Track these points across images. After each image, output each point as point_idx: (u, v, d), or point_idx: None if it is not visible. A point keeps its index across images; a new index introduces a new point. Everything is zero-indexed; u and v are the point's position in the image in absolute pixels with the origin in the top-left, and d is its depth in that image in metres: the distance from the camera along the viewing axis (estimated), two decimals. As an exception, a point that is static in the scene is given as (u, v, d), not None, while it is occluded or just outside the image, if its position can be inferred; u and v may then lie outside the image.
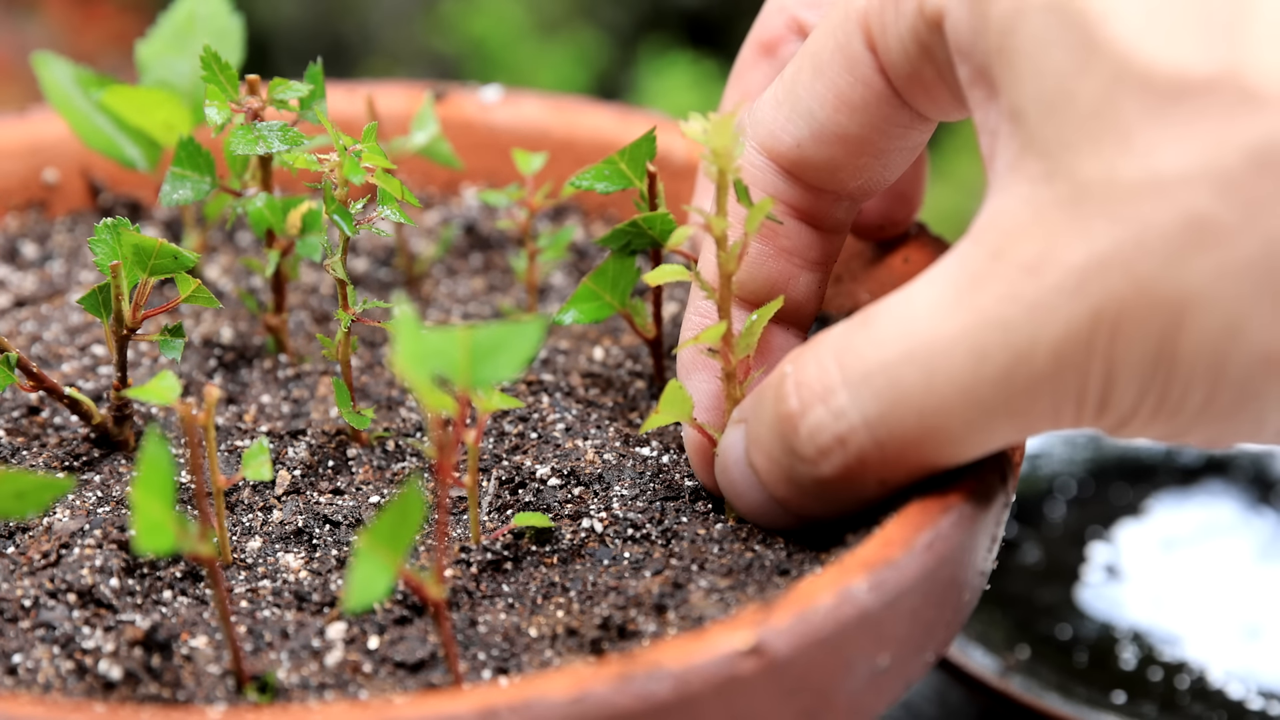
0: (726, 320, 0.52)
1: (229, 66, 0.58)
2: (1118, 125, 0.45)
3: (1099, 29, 0.45)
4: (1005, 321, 0.46)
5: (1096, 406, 0.47)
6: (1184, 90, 0.44)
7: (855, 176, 0.55)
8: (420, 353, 0.44)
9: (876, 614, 0.47)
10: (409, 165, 0.75)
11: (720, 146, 0.50)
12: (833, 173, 0.55)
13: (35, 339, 0.65)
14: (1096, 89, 0.45)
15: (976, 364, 0.46)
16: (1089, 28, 0.46)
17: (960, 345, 0.46)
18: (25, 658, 0.50)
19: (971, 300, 0.46)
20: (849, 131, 0.53)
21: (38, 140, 0.73)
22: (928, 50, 0.50)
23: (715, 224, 0.51)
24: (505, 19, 2.43)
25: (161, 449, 0.44)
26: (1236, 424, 0.47)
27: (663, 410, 0.53)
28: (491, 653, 0.50)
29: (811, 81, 0.54)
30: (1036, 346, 0.45)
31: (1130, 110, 0.45)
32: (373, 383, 0.63)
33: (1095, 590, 0.81)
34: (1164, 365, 0.45)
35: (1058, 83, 0.46)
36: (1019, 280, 0.46)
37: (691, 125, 0.50)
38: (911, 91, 0.52)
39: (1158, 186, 0.44)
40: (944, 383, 0.47)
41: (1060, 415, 0.47)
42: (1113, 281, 0.44)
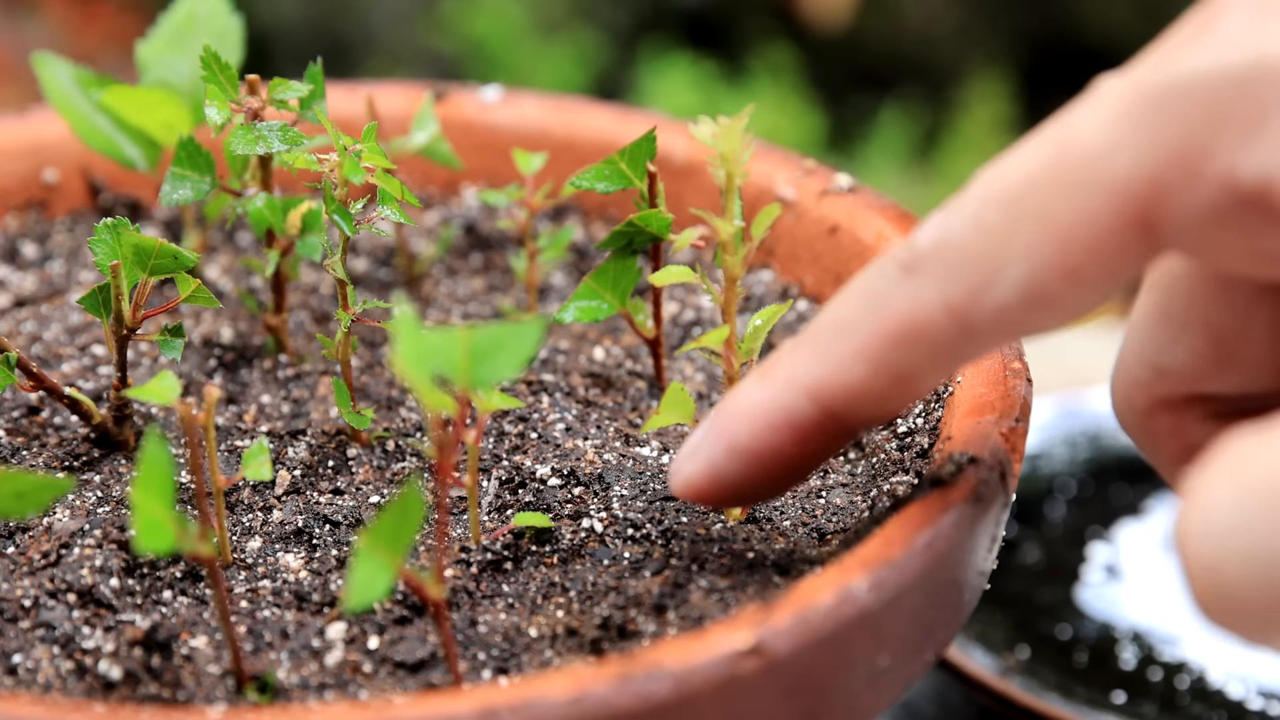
0: (730, 324, 0.52)
1: (229, 66, 0.58)
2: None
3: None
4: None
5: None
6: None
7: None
8: (420, 353, 0.44)
9: (876, 614, 0.47)
10: (409, 165, 0.75)
11: (728, 150, 0.50)
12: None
13: (35, 339, 0.65)
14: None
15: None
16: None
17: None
18: (25, 658, 0.50)
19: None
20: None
21: (38, 140, 0.73)
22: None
23: (722, 228, 0.51)
24: (505, 19, 2.43)
25: (161, 449, 0.44)
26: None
27: (664, 411, 0.53)
28: (491, 653, 0.50)
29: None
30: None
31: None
32: (373, 383, 0.63)
33: (1095, 590, 0.81)
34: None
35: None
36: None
37: (700, 128, 0.50)
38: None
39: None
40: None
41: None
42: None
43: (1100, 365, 1.04)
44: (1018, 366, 0.55)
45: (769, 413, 0.48)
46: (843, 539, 0.53)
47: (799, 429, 0.48)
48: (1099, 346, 1.12)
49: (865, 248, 0.65)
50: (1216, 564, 0.39)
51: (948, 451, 0.52)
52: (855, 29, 2.53)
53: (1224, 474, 0.39)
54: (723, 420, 0.49)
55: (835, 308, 0.47)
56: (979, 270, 0.44)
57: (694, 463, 0.50)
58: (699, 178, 0.71)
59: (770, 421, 0.48)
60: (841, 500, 0.56)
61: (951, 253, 0.44)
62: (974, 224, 0.44)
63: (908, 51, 2.56)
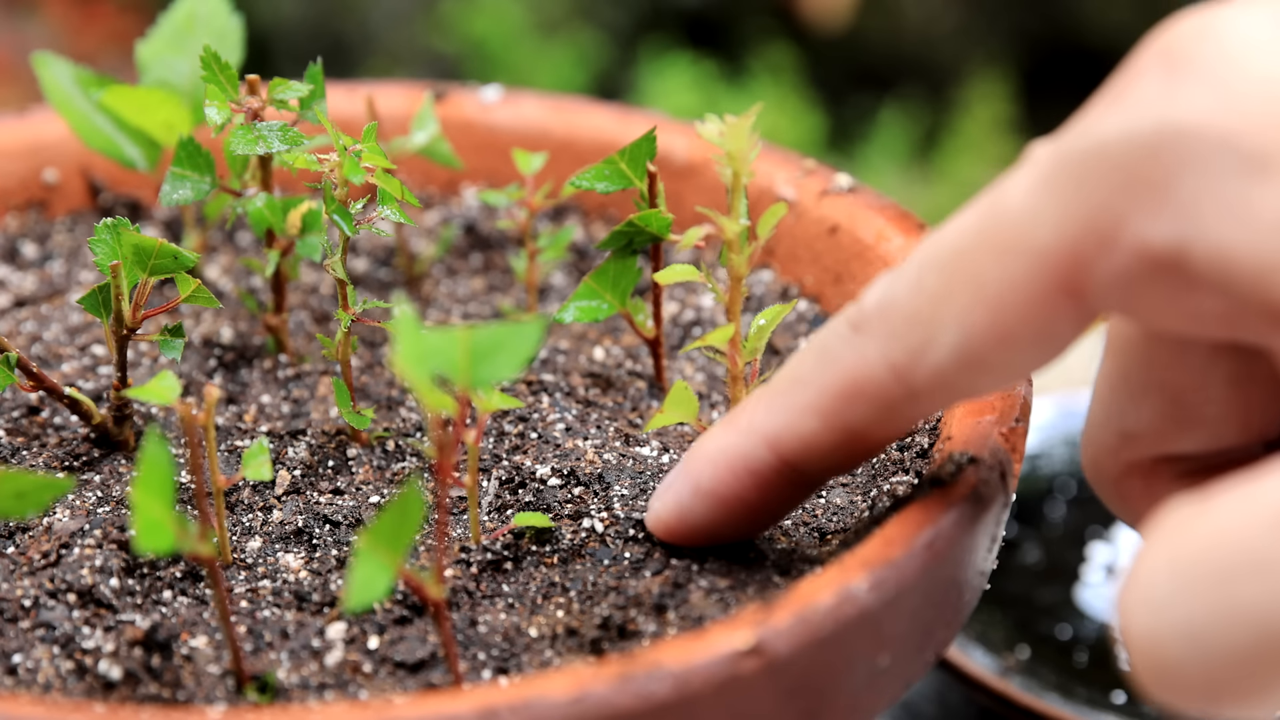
0: (735, 323, 0.52)
1: (229, 66, 0.58)
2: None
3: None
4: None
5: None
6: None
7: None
8: (420, 353, 0.44)
9: (876, 614, 0.47)
10: (409, 165, 0.75)
11: (735, 149, 0.50)
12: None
13: (35, 339, 0.65)
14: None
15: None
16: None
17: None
18: (25, 658, 0.50)
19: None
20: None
21: (38, 140, 0.73)
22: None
23: (728, 227, 0.51)
24: (505, 19, 2.43)
25: (161, 449, 0.44)
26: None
27: (668, 410, 0.53)
28: (491, 653, 0.50)
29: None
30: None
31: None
32: (373, 383, 0.63)
33: (1095, 590, 0.81)
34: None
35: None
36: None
37: (707, 127, 0.50)
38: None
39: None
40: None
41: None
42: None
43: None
44: (1018, 366, 0.55)
45: (731, 459, 0.49)
46: (843, 539, 0.53)
47: (758, 475, 0.49)
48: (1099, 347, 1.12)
49: (865, 248, 0.65)
50: (1153, 638, 0.39)
51: (948, 451, 0.52)
52: (855, 29, 2.53)
53: (1160, 546, 0.39)
54: (690, 463, 0.51)
55: (795, 362, 0.48)
56: (917, 332, 0.45)
57: (663, 501, 0.52)
58: (699, 178, 0.71)
59: (731, 467, 0.49)
60: (841, 500, 0.56)
61: (894, 314, 0.45)
62: (915, 287, 0.45)
63: (908, 51, 2.56)
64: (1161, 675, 0.39)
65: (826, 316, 0.65)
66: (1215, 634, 0.37)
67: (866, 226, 0.65)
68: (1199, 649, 0.38)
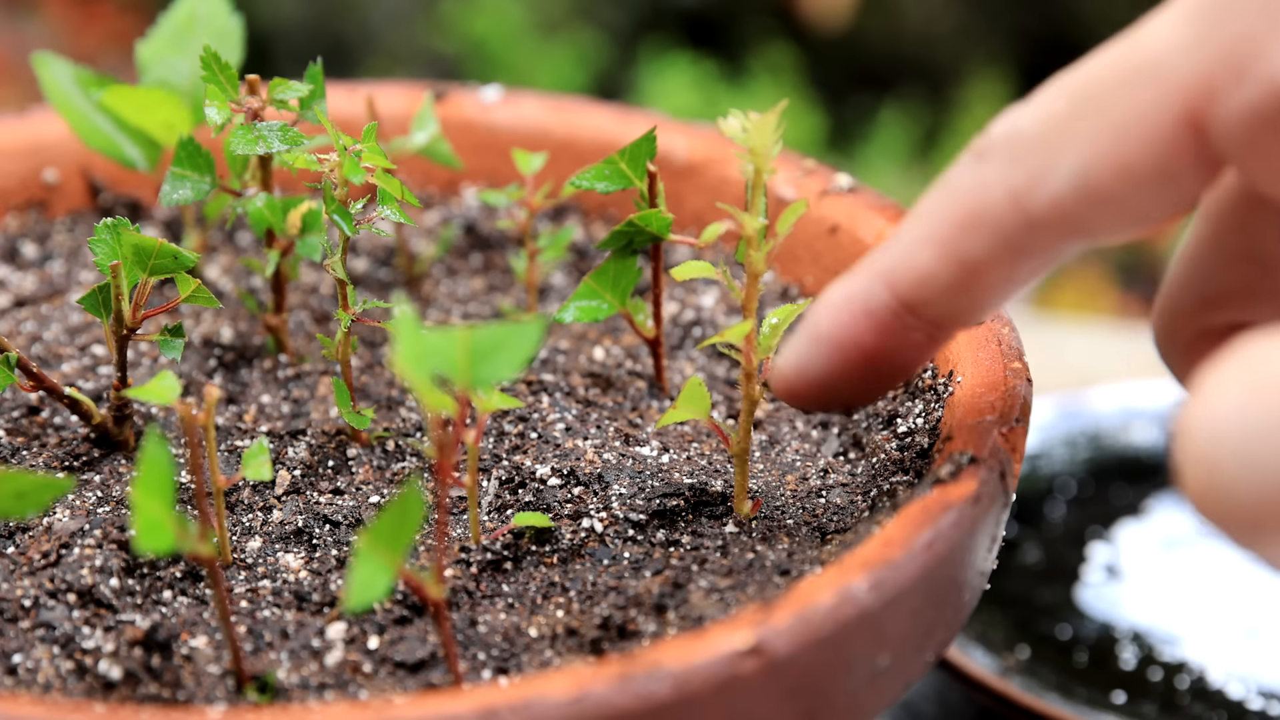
0: (752, 319, 0.52)
1: (229, 66, 0.58)
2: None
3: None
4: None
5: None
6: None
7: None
8: (420, 353, 0.44)
9: (876, 614, 0.47)
10: (409, 165, 0.75)
11: (758, 146, 0.50)
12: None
13: (35, 339, 0.65)
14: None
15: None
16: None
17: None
18: (25, 658, 0.50)
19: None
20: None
21: (38, 140, 0.73)
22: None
23: (749, 223, 0.51)
24: (505, 19, 2.43)
25: (161, 449, 0.44)
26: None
27: (681, 406, 0.53)
28: (491, 653, 0.50)
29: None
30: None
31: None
32: (373, 383, 0.63)
33: (1095, 590, 0.81)
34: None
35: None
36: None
37: (730, 123, 0.50)
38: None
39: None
40: None
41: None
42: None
43: (1100, 365, 1.04)
44: (1018, 366, 0.55)
45: (849, 299, 0.48)
46: (843, 539, 0.53)
47: (875, 317, 0.48)
48: (1099, 346, 1.13)
49: (865, 248, 0.65)
50: (1213, 460, 0.39)
51: (948, 451, 0.52)
52: (855, 29, 2.53)
53: (1233, 374, 0.39)
54: (810, 313, 0.49)
55: (920, 199, 0.47)
56: (1039, 157, 0.44)
57: (785, 359, 0.50)
58: (699, 178, 0.71)
59: (850, 308, 0.48)
60: (841, 500, 0.56)
61: (1018, 140, 0.44)
62: (1042, 113, 0.44)
63: (908, 51, 2.56)
64: (1212, 494, 0.39)
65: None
66: (1274, 458, 0.38)
67: (866, 226, 0.65)
68: (1256, 478, 0.38)
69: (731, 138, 0.50)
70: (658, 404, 0.62)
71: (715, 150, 0.71)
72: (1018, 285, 0.48)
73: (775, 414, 0.62)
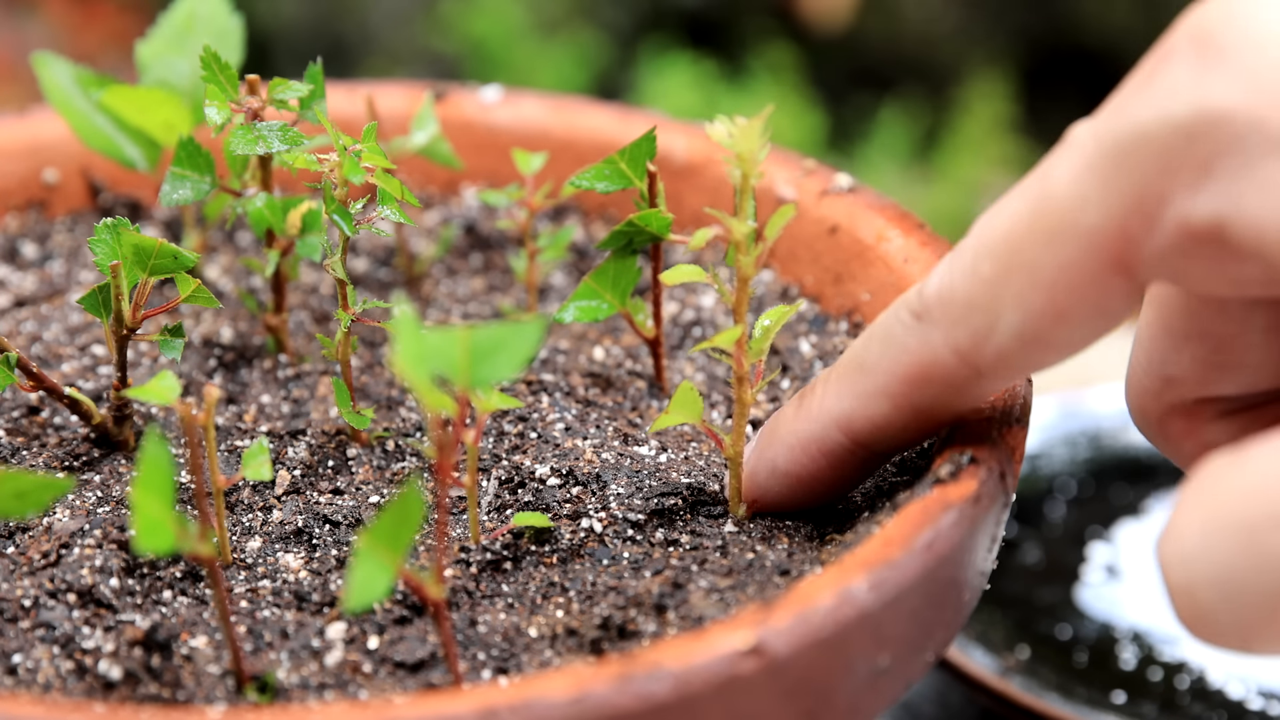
0: (741, 324, 0.52)
1: (229, 66, 0.58)
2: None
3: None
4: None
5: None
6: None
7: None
8: (420, 353, 0.44)
9: (876, 614, 0.47)
10: (409, 165, 0.75)
11: (745, 150, 0.50)
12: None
13: (35, 339, 0.65)
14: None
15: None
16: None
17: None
18: (25, 658, 0.50)
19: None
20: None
21: (38, 140, 0.73)
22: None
23: (736, 228, 0.51)
24: (505, 19, 2.43)
25: (161, 449, 0.44)
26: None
27: (673, 410, 0.53)
28: (491, 653, 0.50)
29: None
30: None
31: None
32: (373, 383, 0.63)
33: (1095, 590, 0.81)
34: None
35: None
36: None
37: (716, 128, 0.50)
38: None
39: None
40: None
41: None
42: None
43: (1100, 366, 1.04)
44: (1018, 366, 0.55)
45: (804, 442, 0.53)
46: (843, 539, 0.53)
47: (832, 456, 0.53)
48: (1099, 346, 1.12)
49: (865, 248, 0.65)
50: (1189, 588, 0.42)
51: (948, 452, 0.52)
52: (855, 29, 2.53)
53: (1194, 499, 0.42)
54: (765, 449, 0.54)
55: (859, 348, 0.52)
56: (978, 318, 0.48)
57: (748, 485, 0.55)
58: (699, 177, 0.71)
59: (806, 450, 0.53)
60: (841, 500, 0.56)
61: (954, 303, 0.48)
62: (971, 276, 0.48)
63: (908, 51, 2.56)
64: (1197, 620, 0.42)
65: (827, 317, 0.65)
66: (1244, 582, 0.40)
67: (866, 226, 0.65)
68: (1230, 596, 0.41)
69: (719, 142, 0.50)
70: (657, 404, 0.62)
71: (715, 150, 0.71)
72: (964, 411, 0.53)
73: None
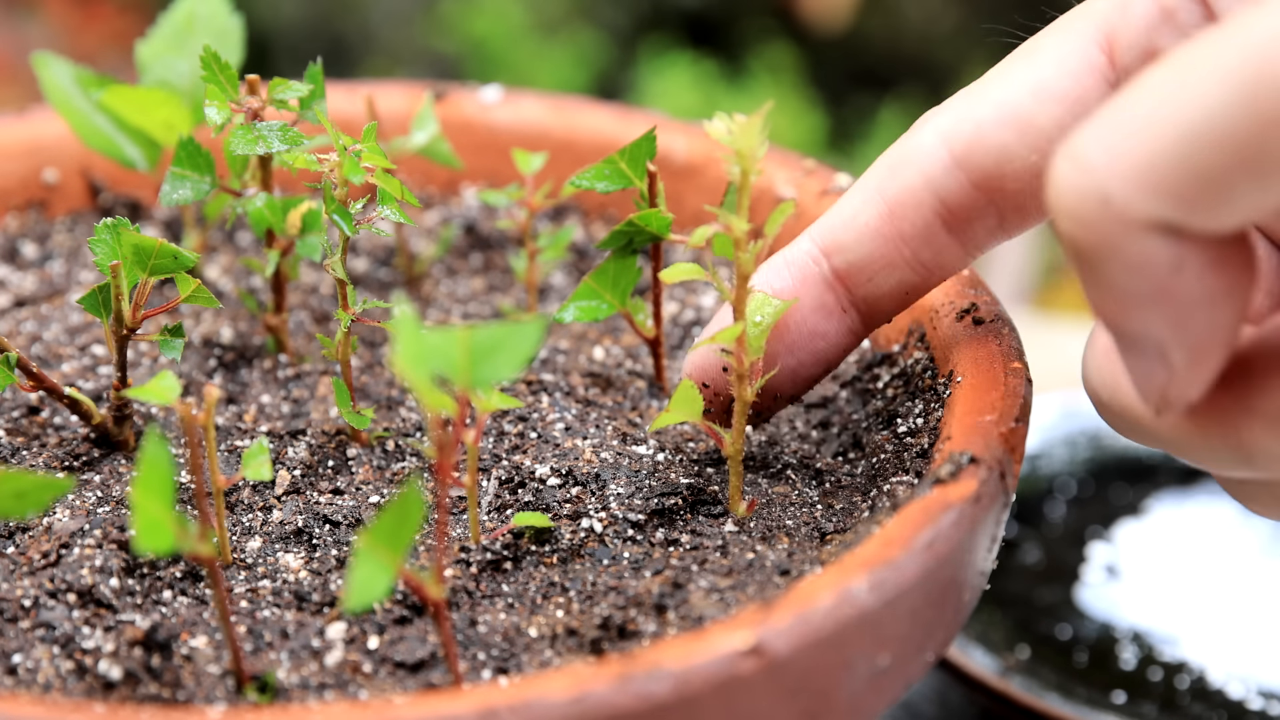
0: (742, 321, 0.52)
1: (229, 66, 0.58)
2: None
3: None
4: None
5: None
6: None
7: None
8: (420, 353, 0.44)
9: (876, 614, 0.47)
10: (409, 165, 0.75)
11: (744, 148, 0.50)
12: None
13: (35, 339, 0.65)
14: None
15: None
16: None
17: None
18: (25, 658, 0.50)
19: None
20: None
21: (38, 140, 0.73)
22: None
23: (735, 225, 0.51)
24: (505, 19, 2.43)
25: (161, 449, 0.44)
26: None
27: (674, 409, 0.53)
28: (491, 653, 0.50)
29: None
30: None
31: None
32: (373, 383, 0.63)
33: (1095, 590, 0.81)
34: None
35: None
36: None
37: (715, 125, 0.50)
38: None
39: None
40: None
41: None
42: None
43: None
44: (1018, 366, 0.55)
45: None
46: (843, 539, 0.53)
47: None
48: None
49: (865, 248, 0.65)
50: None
51: (948, 451, 0.52)
52: (855, 29, 2.53)
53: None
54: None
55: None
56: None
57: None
58: (699, 177, 0.71)
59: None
60: (841, 500, 0.56)
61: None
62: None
63: (908, 51, 2.56)
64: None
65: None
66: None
67: (866, 226, 0.65)
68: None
69: (718, 140, 0.50)
70: (657, 404, 0.62)
71: (715, 150, 0.71)
72: (934, 255, 0.54)
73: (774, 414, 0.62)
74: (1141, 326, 0.44)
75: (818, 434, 0.61)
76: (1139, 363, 0.45)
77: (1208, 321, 0.43)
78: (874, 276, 0.55)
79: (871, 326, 0.56)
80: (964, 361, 0.56)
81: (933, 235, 0.54)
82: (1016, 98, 0.52)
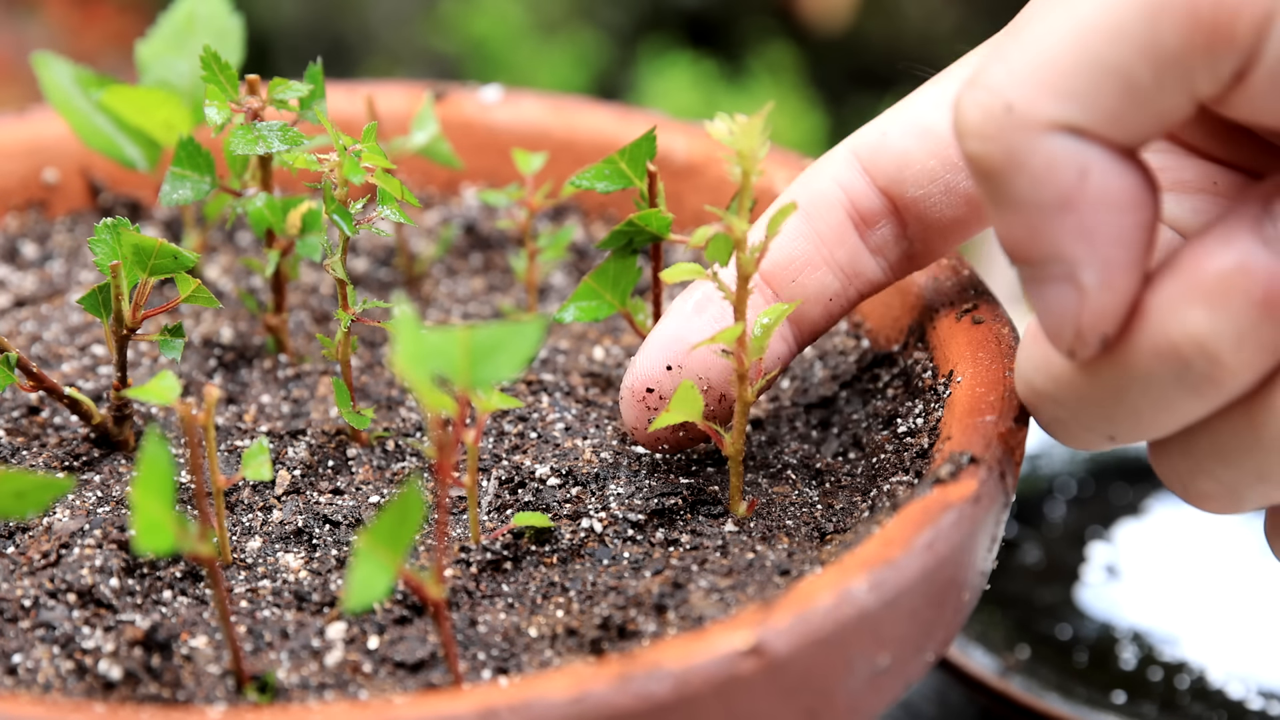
0: (742, 322, 0.52)
1: (229, 66, 0.58)
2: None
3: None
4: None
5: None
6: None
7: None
8: (420, 353, 0.44)
9: (876, 614, 0.47)
10: (409, 165, 0.75)
11: (746, 148, 0.50)
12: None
13: (35, 339, 0.65)
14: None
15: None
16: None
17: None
18: (25, 658, 0.50)
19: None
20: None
21: (38, 140, 0.73)
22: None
23: (736, 226, 0.51)
24: (505, 19, 2.43)
25: (161, 449, 0.44)
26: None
27: (674, 409, 0.53)
28: (491, 653, 0.50)
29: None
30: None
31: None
32: (373, 383, 0.63)
33: (1095, 590, 0.81)
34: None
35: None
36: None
37: (716, 126, 0.50)
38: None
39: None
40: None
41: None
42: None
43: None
44: (1018, 366, 0.55)
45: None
46: (843, 539, 0.53)
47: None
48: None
49: (865, 248, 0.65)
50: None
51: (948, 451, 0.52)
52: (855, 29, 2.53)
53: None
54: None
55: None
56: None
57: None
58: (699, 177, 0.71)
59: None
60: (841, 500, 0.56)
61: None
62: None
63: (908, 51, 2.56)
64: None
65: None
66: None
67: (866, 226, 0.65)
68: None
69: (719, 140, 0.50)
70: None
71: (715, 150, 0.71)
72: (849, 258, 0.55)
73: (775, 414, 0.62)
74: (1050, 244, 0.44)
75: (818, 434, 0.61)
76: (1051, 295, 0.45)
77: (1116, 230, 0.44)
78: (797, 276, 0.56)
79: (802, 340, 0.57)
80: (964, 362, 0.57)
81: (845, 235, 0.56)
82: (921, 109, 0.55)
